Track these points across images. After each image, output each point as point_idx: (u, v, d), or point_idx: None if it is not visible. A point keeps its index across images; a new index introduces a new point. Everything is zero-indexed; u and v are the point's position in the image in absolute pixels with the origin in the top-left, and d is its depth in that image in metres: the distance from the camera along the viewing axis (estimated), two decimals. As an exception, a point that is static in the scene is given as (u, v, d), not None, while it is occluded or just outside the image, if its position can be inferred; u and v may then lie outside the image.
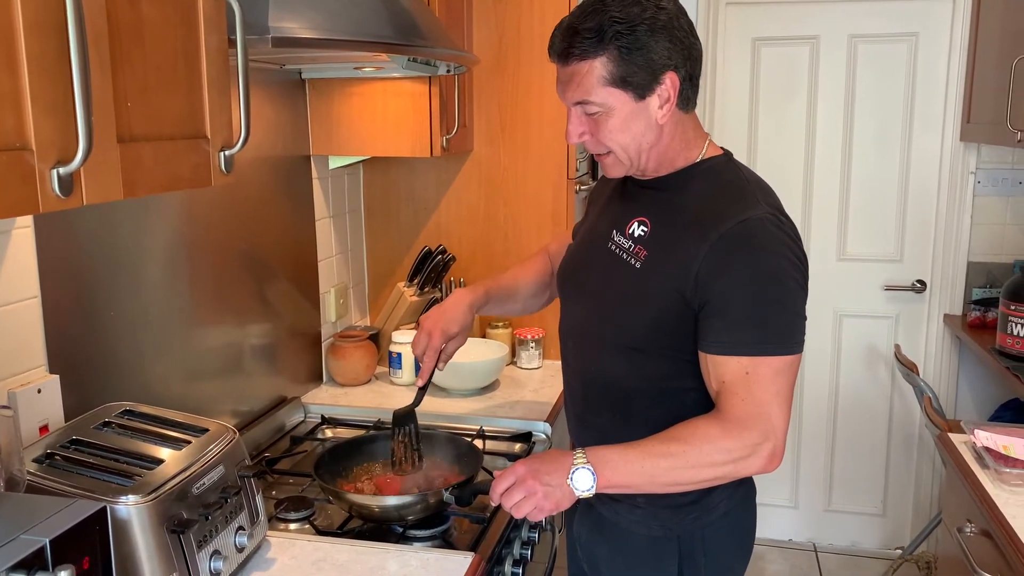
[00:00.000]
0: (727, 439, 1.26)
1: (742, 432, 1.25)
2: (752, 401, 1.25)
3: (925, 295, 3.29)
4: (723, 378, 1.27)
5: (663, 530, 1.42)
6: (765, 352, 1.25)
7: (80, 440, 1.21)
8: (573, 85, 1.30)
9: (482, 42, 2.36)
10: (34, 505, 0.90)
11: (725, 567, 1.47)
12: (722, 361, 1.27)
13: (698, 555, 1.42)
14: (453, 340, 1.64)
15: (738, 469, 1.27)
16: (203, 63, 1.10)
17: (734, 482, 1.36)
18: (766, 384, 1.25)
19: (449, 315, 1.63)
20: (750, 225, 1.27)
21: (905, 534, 3.45)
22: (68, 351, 1.39)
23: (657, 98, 1.29)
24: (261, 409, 2.02)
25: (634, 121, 1.30)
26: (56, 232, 1.36)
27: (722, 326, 1.27)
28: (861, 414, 3.43)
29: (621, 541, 1.46)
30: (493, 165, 2.45)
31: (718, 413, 1.28)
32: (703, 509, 1.41)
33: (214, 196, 1.79)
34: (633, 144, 1.33)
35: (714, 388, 1.30)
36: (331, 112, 2.17)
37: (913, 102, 3.18)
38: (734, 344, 1.26)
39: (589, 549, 1.54)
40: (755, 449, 1.25)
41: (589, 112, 1.31)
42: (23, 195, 0.83)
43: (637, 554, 1.45)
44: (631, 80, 1.27)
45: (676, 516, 1.41)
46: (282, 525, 1.54)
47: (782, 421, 1.26)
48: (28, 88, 0.82)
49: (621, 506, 1.44)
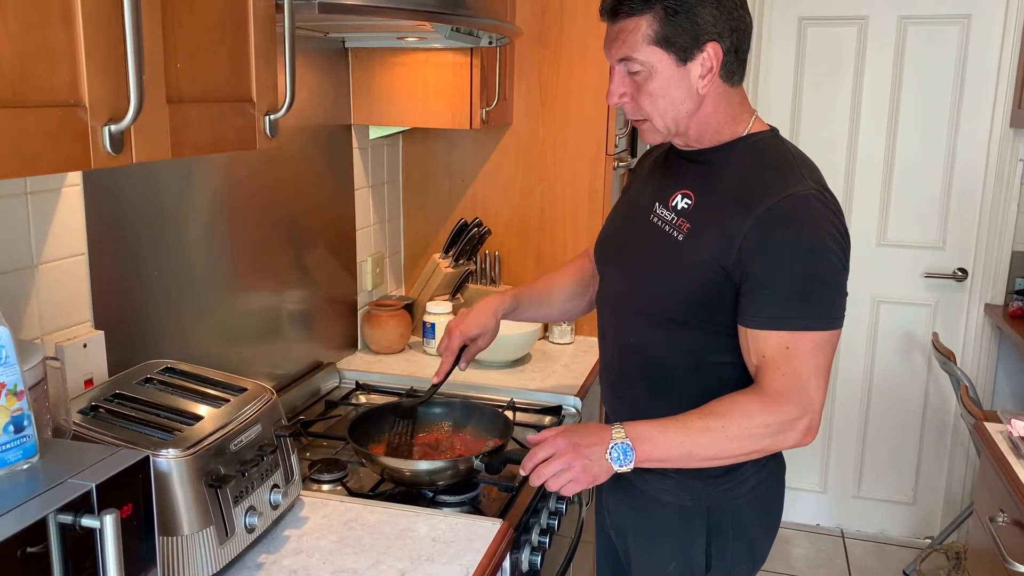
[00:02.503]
0: (766, 414, 1.27)
1: (781, 406, 1.26)
2: (792, 375, 1.26)
3: (966, 284, 3.24)
4: (763, 352, 1.28)
5: (692, 500, 1.43)
6: (806, 327, 1.26)
7: (123, 394, 1.24)
8: (619, 42, 1.32)
9: (525, 14, 2.35)
10: (81, 452, 0.93)
11: (752, 541, 1.48)
12: (763, 336, 1.28)
13: (726, 527, 1.43)
14: (475, 343, 1.68)
15: (775, 443, 1.29)
16: (251, 27, 1.12)
17: (764, 456, 1.38)
18: (806, 359, 1.26)
19: (471, 319, 1.68)
20: (795, 200, 1.27)
21: (935, 523, 3.43)
22: (113, 308, 1.43)
23: (699, 66, 1.30)
24: (297, 373, 2.05)
25: (674, 86, 1.31)
26: (104, 192, 1.39)
27: (763, 301, 1.27)
28: (895, 401, 3.40)
29: (650, 510, 1.48)
30: (532, 139, 2.45)
31: (757, 387, 1.29)
32: (734, 482, 1.42)
33: (256, 162, 1.81)
34: (671, 111, 1.33)
35: (753, 363, 1.31)
36: (373, 82, 2.18)
37: (963, 86, 3.11)
38: (775, 319, 1.27)
39: (618, 517, 1.56)
40: (792, 424, 1.27)
41: (631, 71, 1.32)
42: (76, 151, 0.85)
43: (665, 524, 1.47)
44: (674, 41, 1.28)
45: (706, 487, 1.42)
46: (315, 486, 1.57)
47: (820, 396, 1.28)
48: (83, 45, 0.84)
49: (651, 475, 1.44)
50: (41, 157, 0.82)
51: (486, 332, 1.69)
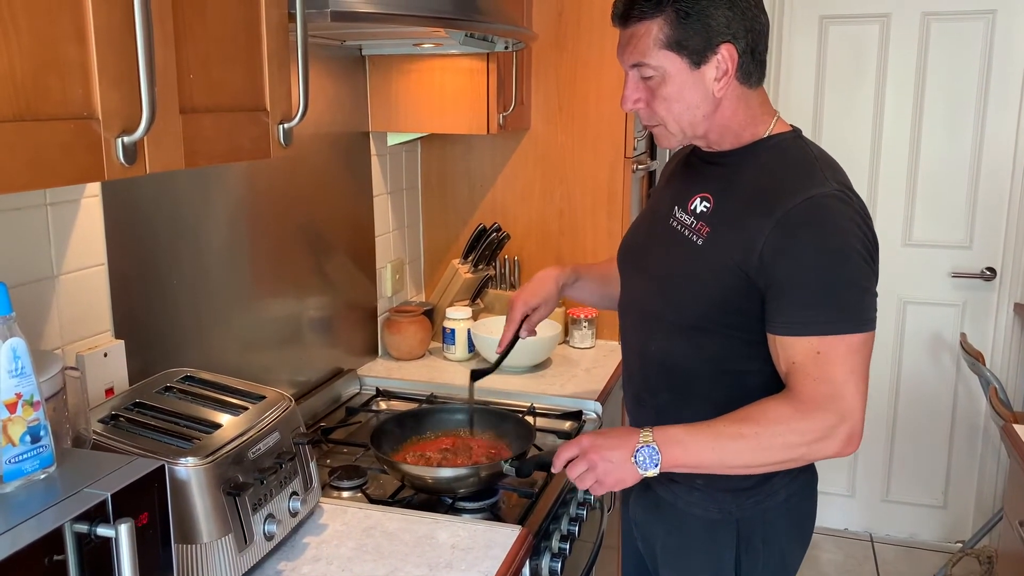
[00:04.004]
0: (800, 420, 1.23)
1: (816, 412, 1.22)
2: (825, 381, 1.22)
3: (995, 283, 3.19)
4: (793, 359, 1.25)
5: (721, 513, 1.40)
6: (836, 331, 1.22)
7: (143, 403, 1.25)
8: (631, 47, 1.30)
9: (541, 18, 2.35)
10: (97, 461, 0.93)
11: (783, 553, 1.44)
12: (791, 342, 1.24)
13: (756, 540, 1.40)
14: (537, 311, 1.70)
15: (812, 452, 1.25)
16: (263, 36, 1.12)
17: (795, 468, 1.35)
18: (839, 363, 1.22)
19: (532, 287, 1.70)
20: (816, 202, 1.24)
21: (966, 528, 3.37)
22: (133, 318, 1.44)
23: (714, 68, 1.28)
24: (318, 380, 2.06)
25: (688, 90, 1.29)
26: (122, 202, 1.40)
27: (789, 306, 1.24)
28: (923, 403, 3.35)
29: (678, 523, 1.45)
30: (550, 143, 2.44)
31: (789, 393, 1.25)
32: (764, 494, 1.39)
33: (275, 170, 1.82)
34: (686, 115, 1.31)
35: (783, 370, 1.27)
36: (390, 89, 2.19)
37: (988, 82, 3.06)
38: (803, 324, 1.23)
39: (645, 529, 1.54)
40: (831, 431, 1.22)
41: (645, 76, 1.31)
42: (89, 163, 0.86)
43: (694, 536, 1.44)
44: (686, 45, 1.26)
45: (736, 500, 1.39)
46: (335, 493, 1.58)
47: (859, 401, 1.22)
48: (95, 59, 0.85)
49: (679, 487, 1.42)
50: (55, 169, 0.83)
51: (548, 301, 1.70)
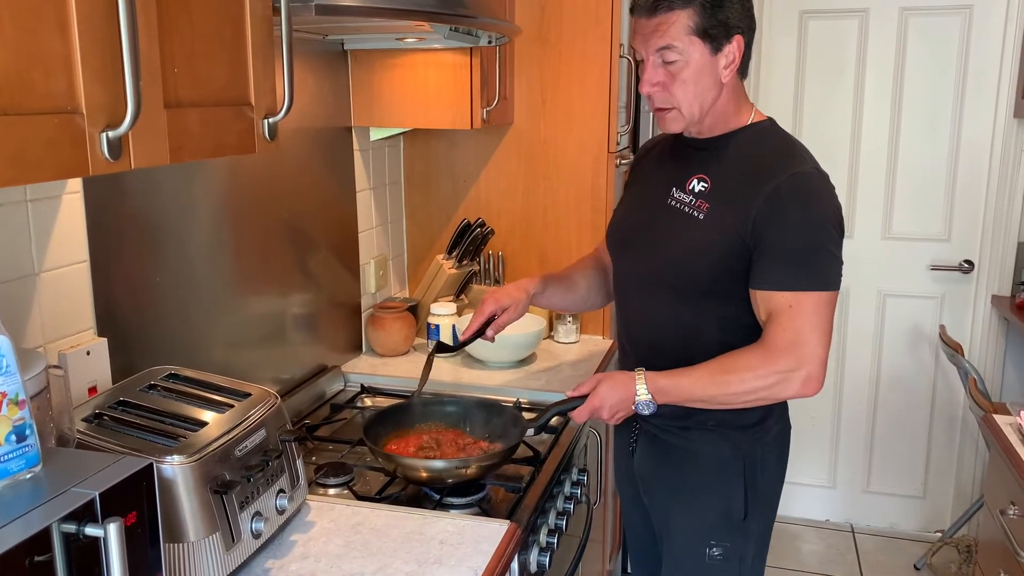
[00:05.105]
0: (765, 366, 1.43)
1: (779, 359, 1.42)
2: (792, 330, 1.42)
3: (972, 275, 3.22)
4: (770, 310, 1.44)
5: (732, 449, 1.57)
6: (808, 288, 1.41)
7: (127, 401, 1.24)
8: (658, 33, 1.42)
9: (524, 12, 2.34)
10: (84, 460, 0.92)
11: (773, 485, 1.63)
12: (770, 296, 1.44)
13: (757, 473, 1.57)
14: (506, 312, 1.77)
15: (773, 393, 1.45)
16: (248, 30, 1.11)
17: (779, 405, 1.58)
18: (807, 316, 1.41)
19: (506, 290, 1.79)
20: (800, 178, 1.44)
21: (945, 517, 3.41)
22: (116, 315, 1.42)
23: (725, 57, 1.44)
24: (302, 377, 2.05)
25: (704, 76, 1.44)
26: (104, 198, 1.38)
27: (772, 266, 1.43)
28: (903, 395, 3.38)
29: (688, 465, 1.60)
30: (533, 138, 2.44)
31: (761, 342, 1.45)
32: (763, 430, 1.58)
33: (257, 166, 1.81)
34: (699, 99, 1.46)
35: (762, 319, 1.47)
36: (373, 83, 2.17)
37: (965, 77, 3.09)
38: (781, 281, 1.42)
39: (652, 483, 1.67)
40: (788, 375, 1.42)
41: (668, 60, 1.43)
42: (73, 157, 0.85)
43: (704, 475, 1.59)
44: (711, 33, 1.41)
45: (743, 435, 1.56)
46: (321, 490, 1.57)
47: (821, 349, 1.42)
48: (79, 52, 0.84)
49: (691, 433, 1.58)
50: (39, 165, 0.81)
51: (515, 305, 1.77)
